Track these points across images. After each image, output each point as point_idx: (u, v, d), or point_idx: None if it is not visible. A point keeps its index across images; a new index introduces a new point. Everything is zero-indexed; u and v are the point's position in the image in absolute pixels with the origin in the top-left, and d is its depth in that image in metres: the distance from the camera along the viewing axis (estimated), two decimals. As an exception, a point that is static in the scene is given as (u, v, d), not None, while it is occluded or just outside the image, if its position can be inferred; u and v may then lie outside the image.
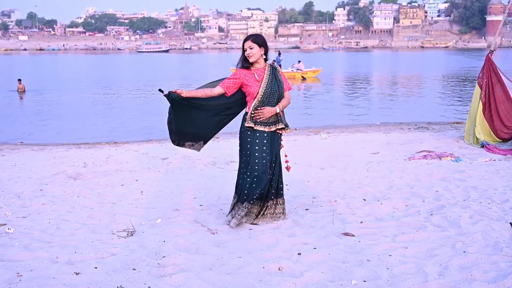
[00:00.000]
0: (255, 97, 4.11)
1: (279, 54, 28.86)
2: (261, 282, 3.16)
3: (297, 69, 28.81)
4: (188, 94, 4.03)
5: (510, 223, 4.14)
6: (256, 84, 4.11)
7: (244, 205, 4.19)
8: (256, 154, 4.12)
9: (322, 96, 20.89)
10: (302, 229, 4.14)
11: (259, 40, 4.12)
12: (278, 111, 4.14)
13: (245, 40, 4.12)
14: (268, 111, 4.09)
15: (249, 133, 4.14)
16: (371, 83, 28.50)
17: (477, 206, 4.75)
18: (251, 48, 4.08)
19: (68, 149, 9.25)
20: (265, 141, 4.14)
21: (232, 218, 4.25)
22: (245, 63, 4.16)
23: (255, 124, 4.12)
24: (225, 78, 4.26)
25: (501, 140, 8.16)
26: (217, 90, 4.10)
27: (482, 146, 7.99)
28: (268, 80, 4.12)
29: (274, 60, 27.89)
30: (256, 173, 4.12)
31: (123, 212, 4.80)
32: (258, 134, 4.14)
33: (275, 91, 4.13)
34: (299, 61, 29.84)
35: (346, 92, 22.79)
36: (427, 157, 7.33)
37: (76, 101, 19.28)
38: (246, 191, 4.15)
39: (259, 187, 4.12)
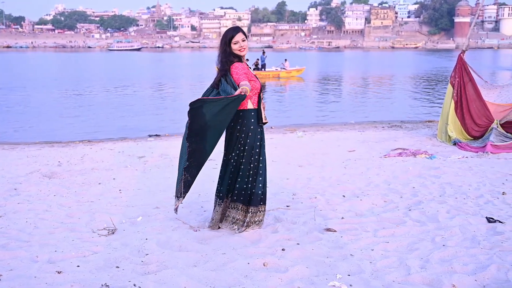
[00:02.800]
0: (259, 92, 3.90)
1: (263, 53, 28.98)
2: (247, 277, 3.17)
3: (282, 68, 28.96)
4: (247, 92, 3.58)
5: (487, 217, 4.25)
6: (255, 78, 3.91)
7: (259, 208, 3.93)
8: (264, 151, 3.93)
9: (297, 95, 21.00)
10: (284, 225, 4.15)
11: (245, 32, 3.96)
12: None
13: (236, 33, 3.79)
14: (264, 106, 4.00)
15: (259, 130, 3.86)
16: (345, 83, 28.80)
17: (453, 201, 4.86)
18: (243, 40, 3.80)
19: (40, 148, 9.06)
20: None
21: (246, 227, 3.91)
22: (232, 58, 3.80)
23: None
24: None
25: (472, 138, 8.37)
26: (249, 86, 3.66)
27: (455, 144, 8.18)
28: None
29: (258, 59, 28.03)
30: (266, 172, 3.95)
31: (102, 210, 4.73)
32: (262, 130, 3.93)
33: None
34: (286, 60, 29.98)
35: (321, 91, 22.96)
36: (402, 154, 7.47)
37: (46, 99, 18.86)
38: (260, 192, 3.87)
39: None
